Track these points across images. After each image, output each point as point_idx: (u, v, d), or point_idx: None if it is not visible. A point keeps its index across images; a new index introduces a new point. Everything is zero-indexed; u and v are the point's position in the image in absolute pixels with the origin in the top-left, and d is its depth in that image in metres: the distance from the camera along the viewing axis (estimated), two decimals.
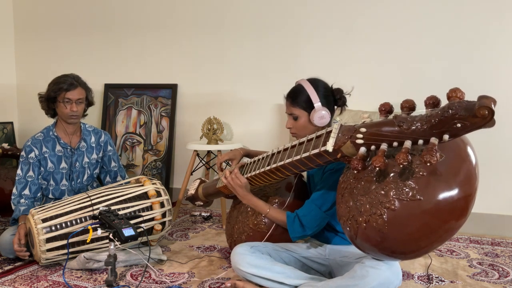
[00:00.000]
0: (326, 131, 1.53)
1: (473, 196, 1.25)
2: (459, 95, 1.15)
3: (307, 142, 1.61)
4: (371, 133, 1.32)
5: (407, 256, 1.47)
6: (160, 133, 3.49)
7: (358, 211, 1.38)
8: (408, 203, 1.26)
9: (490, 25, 2.70)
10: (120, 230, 1.81)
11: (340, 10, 3.00)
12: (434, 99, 1.22)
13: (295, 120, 1.84)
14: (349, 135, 1.39)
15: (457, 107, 1.11)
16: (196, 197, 2.36)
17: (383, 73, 2.93)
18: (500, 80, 2.70)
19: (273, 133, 3.24)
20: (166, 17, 3.47)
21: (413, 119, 1.22)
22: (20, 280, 1.98)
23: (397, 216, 1.28)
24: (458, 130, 1.13)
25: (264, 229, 1.94)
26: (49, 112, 2.41)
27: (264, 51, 3.21)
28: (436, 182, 1.24)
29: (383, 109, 1.37)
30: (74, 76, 2.37)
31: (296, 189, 1.99)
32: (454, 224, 1.26)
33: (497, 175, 2.70)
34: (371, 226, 1.33)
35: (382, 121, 1.32)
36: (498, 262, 2.24)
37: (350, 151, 1.40)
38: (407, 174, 1.29)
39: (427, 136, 1.19)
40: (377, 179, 1.36)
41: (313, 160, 1.55)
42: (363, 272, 1.51)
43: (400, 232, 1.30)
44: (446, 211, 1.24)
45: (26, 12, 3.92)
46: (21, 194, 2.32)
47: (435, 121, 1.16)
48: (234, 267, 1.77)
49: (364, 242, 1.39)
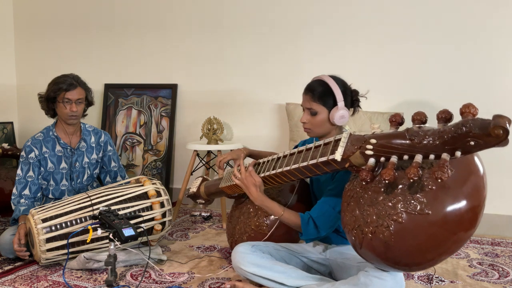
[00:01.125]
0: (334, 139, 1.51)
1: (481, 207, 1.25)
2: (472, 111, 1.13)
3: (314, 148, 1.59)
4: (381, 144, 1.30)
5: (411, 268, 1.45)
6: (160, 133, 3.49)
7: (364, 221, 1.37)
8: (415, 216, 1.26)
9: (490, 25, 2.70)
10: (120, 230, 1.81)
11: (341, 9, 3.00)
12: (447, 113, 1.20)
13: (313, 115, 1.78)
14: (358, 145, 1.38)
15: (471, 125, 1.10)
16: (197, 195, 2.36)
17: (383, 73, 2.93)
18: (500, 80, 2.70)
19: (273, 133, 3.24)
20: (166, 17, 3.47)
21: (425, 133, 1.20)
22: (20, 280, 1.98)
23: (404, 229, 1.28)
24: (470, 148, 1.12)
25: (265, 231, 1.94)
26: (49, 112, 2.41)
27: (264, 51, 3.21)
28: (444, 195, 1.23)
29: (393, 120, 1.34)
30: (73, 76, 2.37)
31: (299, 191, 1.98)
32: (463, 235, 1.25)
33: (497, 175, 2.69)
34: (377, 237, 1.33)
35: (393, 133, 1.29)
36: (498, 262, 2.24)
37: (359, 161, 1.39)
38: (415, 188, 1.28)
39: (439, 152, 1.18)
40: (385, 190, 1.35)
41: (320, 167, 1.54)
42: (367, 281, 1.49)
43: (406, 244, 1.29)
44: (454, 223, 1.23)
45: (26, 12, 3.92)
46: (21, 194, 2.32)
47: (447, 137, 1.15)
48: (235, 266, 1.77)
49: (369, 252, 1.39)
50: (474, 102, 3.02)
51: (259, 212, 1.98)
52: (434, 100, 2.81)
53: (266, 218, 1.96)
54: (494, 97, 2.70)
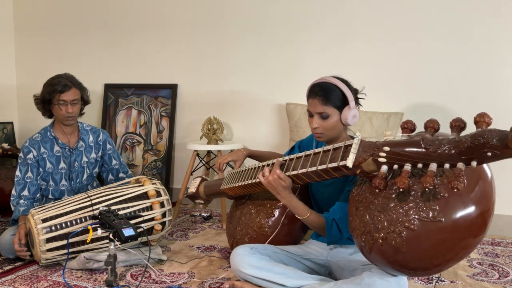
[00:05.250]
0: (344, 145, 1.49)
1: (490, 211, 1.25)
2: (487, 121, 1.14)
3: (323, 153, 1.57)
4: (395, 152, 1.29)
5: (417, 273, 1.46)
6: (160, 133, 3.49)
7: (375, 227, 1.37)
8: (428, 223, 1.26)
9: (490, 25, 2.69)
10: (120, 230, 1.81)
11: (341, 9, 3.00)
12: (461, 121, 1.21)
13: (324, 119, 1.75)
14: (371, 152, 1.37)
15: (488, 136, 1.10)
16: (196, 196, 2.35)
17: (383, 72, 2.93)
18: (500, 79, 2.70)
19: (273, 133, 3.24)
20: (166, 17, 3.47)
21: (441, 142, 1.20)
22: (20, 280, 1.98)
23: (416, 236, 1.28)
24: (487, 158, 1.12)
25: (268, 232, 1.92)
26: (45, 113, 2.39)
27: (264, 50, 3.21)
28: (455, 202, 1.24)
29: (405, 127, 1.33)
30: (67, 76, 2.34)
31: (300, 192, 1.97)
32: (472, 241, 1.26)
33: (497, 175, 2.68)
34: (389, 243, 1.33)
35: (407, 141, 1.28)
36: (498, 262, 2.24)
37: (371, 168, 1.38)
38: (428, 195, 1.28)
39: (454, 161, 1.17)
40: (397, 197, 1.35)
41: (329, 173, 1.53)
42: (371, 282, 1.48)
43: (417, 250, 1.29)
44: (464, 229, 1.24)
45: (26, 12, 3.92)
46: (20, 195, 2.32)
47: (464, 147, 1.14)
48: (234, 268, 1.76)
49: (379, 257, 1.39)
50: (475, 102, 3.03)
51: (260, 214, 1.97)
52: (434, 100, 2.81)
53: (268, 219, 1.95)
54: (497, 95, 2.70)
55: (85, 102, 2.42)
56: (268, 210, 1.96)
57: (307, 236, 2.07)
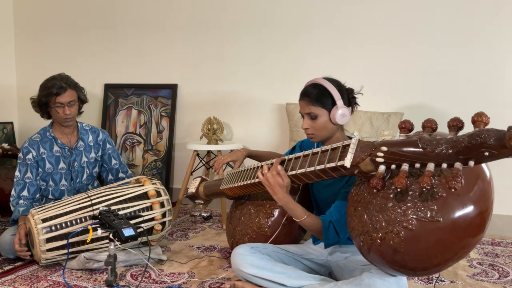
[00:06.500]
0: (342, 145, 1.49)
1: (489, 211, 1.25)
2: (484, 120, 1.14)
3: (321, 153, 1.57)
4: (392, 152, 1.29)
5: (416, 273, 1.46)
6: (160, 133, 3.49)
7: (373, 227, 1.37)
8: (426, 223, 1.27)
9: (489, 25, 2.70)
10: (120, 230, 1.81)
11: (341, 9, 3.00)
12: (458, 121, 1.21)
13: (313, 119, 1.76)
14: (368, 152, 1.37)
15: (486, 136, 1.10)
16: (196, 196, 2.35)
17: (383, 73, 2.93)
18: (499, 79, 2.70)
19: (273, 133, 3.24)
20: (166, 17, 3.47)
21: (438, 141, 1.20)
22: (20, 280, 1.98)
23: (415, 235, 1.28)
24: (484, 158, 1.12)
25: (267, 233, 1.93)
26: (44, 115, 2.38)
27: (264, 51, 3.21)
28: (453, 201, 1.24)
29: (403, 127, 1.33)
30: (63, 77, 2.32)
31: (301, 194, 1.97)
32: (471, 241, 1.26)
33: (497, 175, 2.68)
34: (387, 243, 1.33)
35: (405, 141, 1.28)
36: (498, 262, 2.24)
37: (369, 168, 1.38)
38: (426, 195, 1.28)
39: (452, 161, 1.17)
40: (395, 197, 1.35)
41: (327, 173, 1.53)
42: (371, 282, 1.48)
43: (415, 250, 1.30)
44: (463, 229, 1.24)
45: (26, 12, 3.92)
46: (20, 195, 2.32)
47: (461, 147, 1.14)
48: (235, 268, 1.76)
49: (377, 257, 1.39)
50: (474, 103, 3.04)
51: (260, 214, 1.97)
52: (434, 100, 2.81)
53: (268, 219, 1.95)
54: (496, 96, 2.70)
55: (82, 101, 2.41)
56: (267, 210, 1.96)
57: (307, 236, 2.07)
